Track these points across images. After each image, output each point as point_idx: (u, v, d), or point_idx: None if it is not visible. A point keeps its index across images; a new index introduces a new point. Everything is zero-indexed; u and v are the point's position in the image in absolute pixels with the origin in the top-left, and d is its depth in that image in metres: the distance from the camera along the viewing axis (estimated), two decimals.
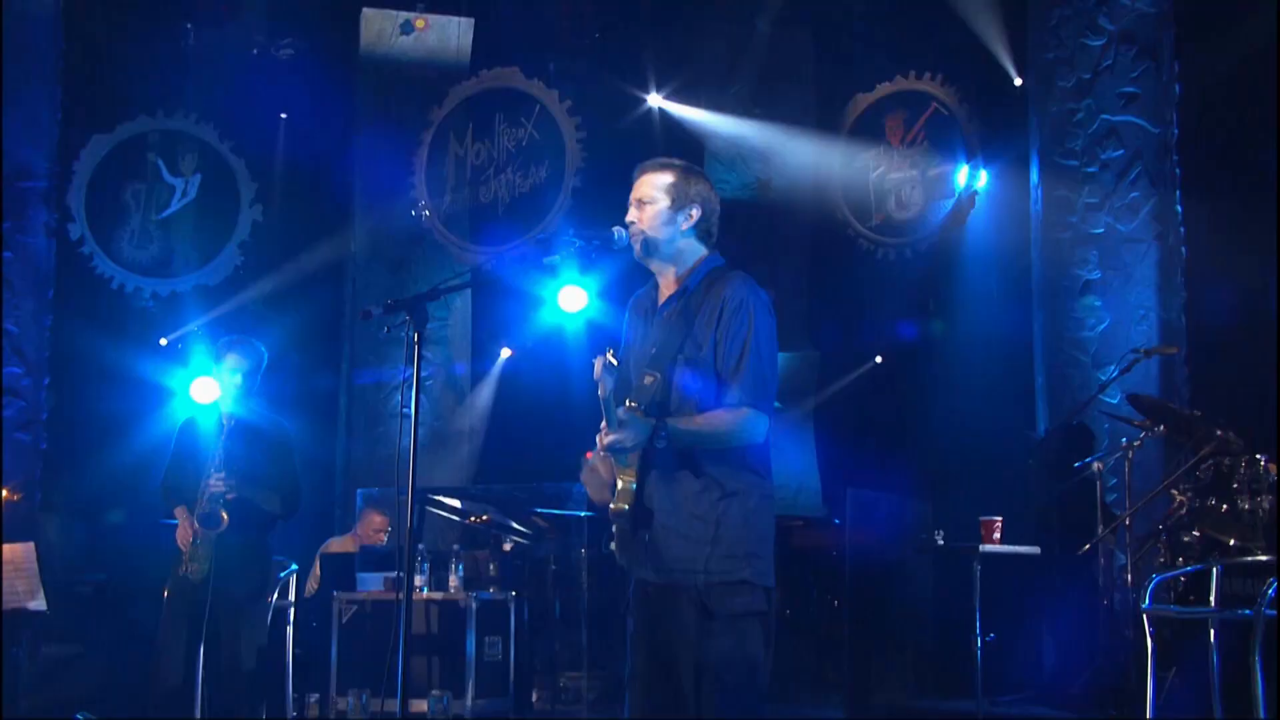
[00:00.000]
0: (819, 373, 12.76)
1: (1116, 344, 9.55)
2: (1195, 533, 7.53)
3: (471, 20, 12.54)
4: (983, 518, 8.00)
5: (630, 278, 4.97)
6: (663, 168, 4.67)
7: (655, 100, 12.61)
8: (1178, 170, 9.90)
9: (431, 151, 12.24)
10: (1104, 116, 9.80)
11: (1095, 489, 8.34)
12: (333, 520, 12.01)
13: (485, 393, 12.57)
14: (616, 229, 4.62)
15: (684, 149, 12.47)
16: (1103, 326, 9.71)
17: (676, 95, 12.55)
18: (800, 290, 12.66)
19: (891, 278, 11.78)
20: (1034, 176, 10.25)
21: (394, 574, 9.00)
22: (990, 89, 11.18)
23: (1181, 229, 9.83)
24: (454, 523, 9.81)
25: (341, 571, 9.42)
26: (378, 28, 12.56)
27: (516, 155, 11.89)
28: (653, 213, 4.59)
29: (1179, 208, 9.86)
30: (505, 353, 12.63)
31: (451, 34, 12.56)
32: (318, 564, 9.89)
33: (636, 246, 4.60)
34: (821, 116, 12.45)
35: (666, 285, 4.66)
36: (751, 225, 12.38)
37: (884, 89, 11.84)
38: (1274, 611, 6.20)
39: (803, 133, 12.28)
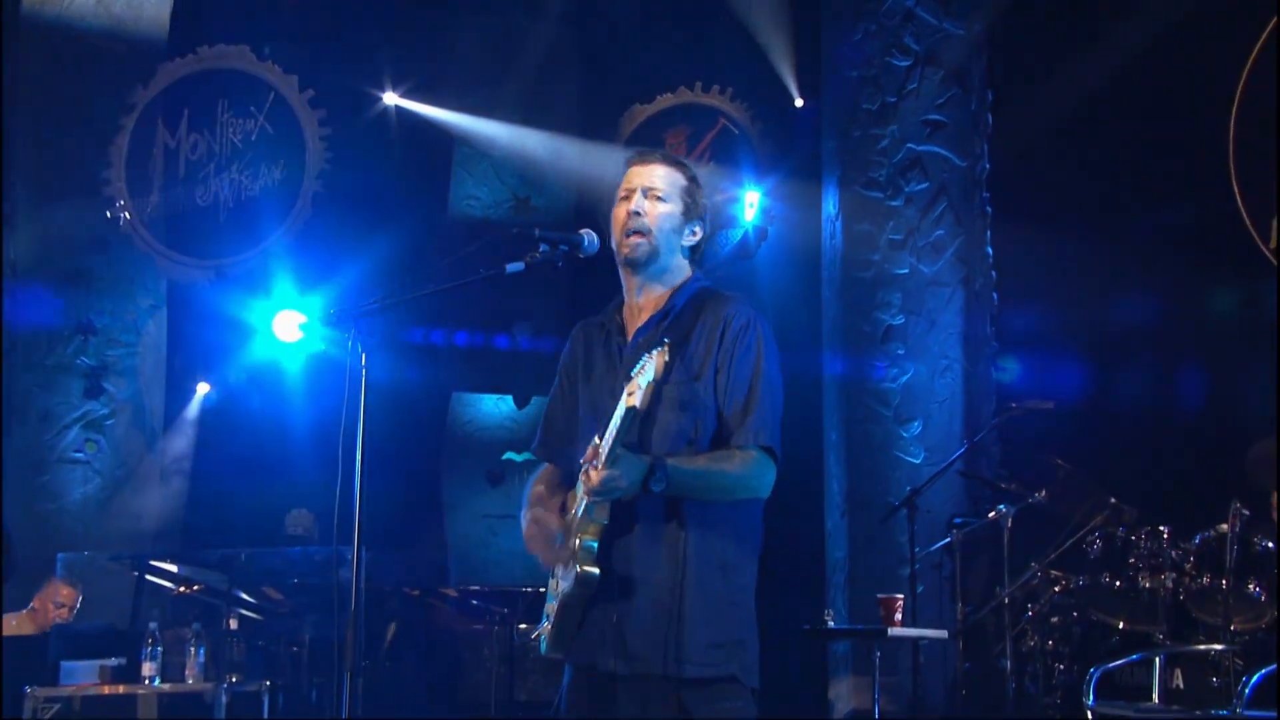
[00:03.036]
0: None
1: (919, 397, 9.02)
2: (1074, 613, 7.10)
3: None
4: (881, 595, 7.12)
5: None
6: (678, 165, 4.04)
7: (391, 99, 11.13)
8: (988, 209, 9.33)
9: (133, 141, 10.28)
10: (909, 145, 9.11)
11: (954, 562, 7.62)
12: None
13: (183, 437, 10.62)
14: (586, 232, 3.97)
15: (427, 157, 11.29)
16: (906, 378, 9.07)
17: (417, 94, 11.14)
18: (561, 328, 11.39)
19: None
20: (830, 207, 9.49)
21: (112, 661, 7.28)
22: (784, 107, 10.42)
23: (993, 273, 9.29)
24: (183, 598, 7.96)
25: (32, 659, 7.68)
26: None
27: (244, 151, 10.09)
28: (665, 213, 3.94)
29: (989, 249, 9.29)
30: (203, 388, 10.79)
31: (144, 1, 10.53)
32: None
33: (632, 250, 3.91)
34: (591, 128, 11.36)
35: (644, 306, 3.98)
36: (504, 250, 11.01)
37: (665, 100, 10.93)
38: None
39: (569, 145, 11.21)
